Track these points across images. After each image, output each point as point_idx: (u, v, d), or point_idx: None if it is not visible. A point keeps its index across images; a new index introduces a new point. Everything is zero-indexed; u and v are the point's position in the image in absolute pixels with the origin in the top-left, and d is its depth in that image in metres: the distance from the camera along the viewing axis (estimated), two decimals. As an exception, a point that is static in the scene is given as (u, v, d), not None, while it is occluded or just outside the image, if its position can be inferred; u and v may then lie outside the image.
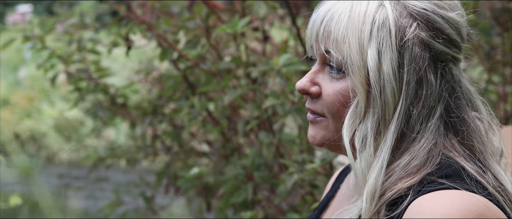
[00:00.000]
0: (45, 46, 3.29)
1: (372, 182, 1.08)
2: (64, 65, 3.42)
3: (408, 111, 1.09)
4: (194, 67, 2.86)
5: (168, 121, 3.16)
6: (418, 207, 1.03)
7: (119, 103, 3.46)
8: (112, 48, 3.22)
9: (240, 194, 2.52)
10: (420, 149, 1.09)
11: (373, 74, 1.09)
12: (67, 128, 9.79)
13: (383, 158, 1.09)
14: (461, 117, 1.12)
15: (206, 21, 2.74)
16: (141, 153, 3.31)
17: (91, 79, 3.39)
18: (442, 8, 1.12)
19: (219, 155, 3.14)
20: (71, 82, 3.43)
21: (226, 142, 3.04)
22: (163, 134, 3.31)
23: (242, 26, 2.40)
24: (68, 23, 3.33)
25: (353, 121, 1.11)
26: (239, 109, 2.70)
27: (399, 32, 1.09)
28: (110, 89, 3.43)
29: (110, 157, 3.52)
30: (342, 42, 1.11)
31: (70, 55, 3.38)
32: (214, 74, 2.76)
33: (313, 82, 1.16)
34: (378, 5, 1.11)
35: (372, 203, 1.08)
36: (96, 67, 3.44)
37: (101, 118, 3.49)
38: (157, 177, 3.26)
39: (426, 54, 1.10)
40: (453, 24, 1.12)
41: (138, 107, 3.30)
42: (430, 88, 1.10)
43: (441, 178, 1.06)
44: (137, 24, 2.91)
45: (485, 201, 1.05)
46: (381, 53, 1.09)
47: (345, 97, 1.12)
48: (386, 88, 1.09)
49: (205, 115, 2.77)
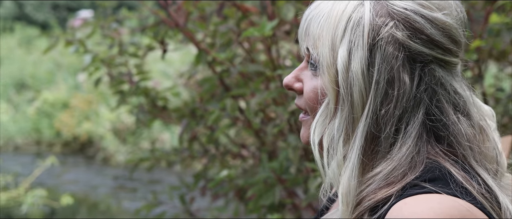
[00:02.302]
0: (87, 50, 3.36)
1: (345, 184, 1.07)
2: (107, 69, 3.50)
3: (376, 111, 1.07)
4: (228, 70, 2.89)
5: (204, 124, 3.19)
6: (397, 210, 1.02)
7: (159, 106, 3.51)
8: (148, 52, 3.26)
9: (269, 197, 2.52)
10: (402, 158, 1.07)
11: (341, 73, 1.08)
12: (123, 131, 9.99)
13: (353, 159, 1.07)
14: (442, 121, 1.09)
15: (239, 24, 2.76)
16: (178, 155, 3.35)
17: (132, 82, 3.45)
18: (427, 8, 1.09)
19: (254, 158, 3.15)
20: (113, 85, 3.50)
21: (261, 145, 3.05)
22: (201, 136, 3.34)
23: (270, 29, 2.41)
24: (109, 27, 3.41)
25: (323, 119, 1.11)
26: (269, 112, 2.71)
27: (373, 31, 1.08)
28: (151, 92, 3.48)
29: (151, 159, 3.57)
30: (318, 40, 1.11)
31: (112, 59, 3.45)
32: (247, 77, 2.78)
33: (297, 79, 1.17)
34: (357, 4, 1.10)
35: (348, 206, 1.07)
36: (137, 70, 3.50)
37: (142, 121, 3.55)
38: (194, 179, 3.30)
39: (400, 54, 1.07)
40: (438, 24, 1.09)
41: (177, 110, 3.34)
42: (402, 88, 1.07)
43: (424, 182, 1.04)
44: (172, 28, 2.95)
45: (468, 205, 1.03)
46: (351, 51, 1.08)
47: (317, 95, 1.12)
48: (354, 88, 1.08)
49: (237, 117, 2.79)
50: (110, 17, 3.41)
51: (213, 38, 3.00)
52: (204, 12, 3.09)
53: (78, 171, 9.38)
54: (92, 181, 8.79)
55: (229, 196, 3.25)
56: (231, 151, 3.32)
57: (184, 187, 3.43)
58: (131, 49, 3.49)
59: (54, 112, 11.05)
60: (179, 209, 3.46)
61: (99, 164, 10.00)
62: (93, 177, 9.04)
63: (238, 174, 3.13)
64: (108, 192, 8.32)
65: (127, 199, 7.81)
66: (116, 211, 7.48)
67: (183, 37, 2.99)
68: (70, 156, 10.43)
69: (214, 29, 2.84)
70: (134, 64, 3.50)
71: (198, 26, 2.87)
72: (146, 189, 8.05)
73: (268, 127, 2.61)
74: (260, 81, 2.64)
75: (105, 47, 3.49)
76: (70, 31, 3.66)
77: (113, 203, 7.82)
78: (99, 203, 7.86)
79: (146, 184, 8.44)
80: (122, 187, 8.48)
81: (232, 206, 3.23)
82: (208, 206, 3.76)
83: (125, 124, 9.90)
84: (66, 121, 10.66)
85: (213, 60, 2.92)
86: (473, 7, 2.65)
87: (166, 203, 3.48)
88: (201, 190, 3.28)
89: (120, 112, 9.43)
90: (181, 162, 3.40)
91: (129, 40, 3.48)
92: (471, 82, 2.58)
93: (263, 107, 2.76)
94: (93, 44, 3.54)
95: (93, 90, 10.41)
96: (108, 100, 10.30)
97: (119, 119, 9.97)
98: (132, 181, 8.60)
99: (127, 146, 9.93)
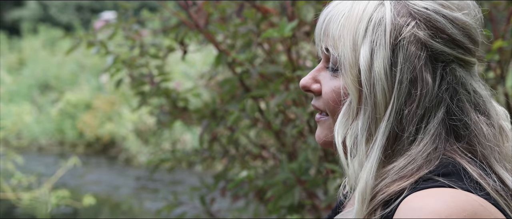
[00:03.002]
0: (109, 51, 3.38)
1: (362, 183, 1.07)
2: (129, 70, 3.51)
3: (399, 111, 1.07)
4: (248, 71, 2.89)
5: (224, 124, 3.19)
6: (409, 203, 1.01)
7: (180, 107, 3.52)
8: (169, 53, 3.27)
9: (289, 198, 2.52)
10: (418, 153, 1.07)
11: (364, 72, 1.08)
12: (145, 132, 10.04)
13: (373, 159, 1.07)
14: (463, 120, 1.09)
15: (259, 25, 2.76)
16: (199, 156, 3.36)
17: (153, 83, 3.46)
18: (447, 8, 1.09)
19: (274, 159, 3.15)
20: (134, 86, 3.52)
21: (281, 146, 3.05)
22: (221, 137, 3.35)
23: (289, 29, 2.41)
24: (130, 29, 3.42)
25: (346, 119, 1.10)
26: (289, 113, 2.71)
27: (395, 31, 1.08)
28: (172, 93, 3.49)
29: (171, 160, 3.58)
30: (338, 40, 1.11)
31: (134, 60, 3.46)
32: (267, 78, 2.78)
33: (315, 80, 1.16)
34: (378, 4, 1.10)
35: (363, 204, 1.06)
36: (158, 71, 3.51)
37: (163, 121, 3.56)
38: (215, 180, 3.30)
39: (422, 54, 1.07)
40: (459, 24, 1.09)
41: (198, 111, 3.35)
42: (425, 88, 1.07)
43: (437, 176, 1.04)
44: (193, 29, 2.95)
45: (481, 201, 1.02)
46: (374, 51, 1.08)
47: (339, 95, 1.12)
48: (377, 87, 1.07)
49: (257, 118, 2.79)
50: (132, 19, 3.43)
51: (233, 39, 3.01)
52: (224, 13, 3.09)
53: (101, 172, 9.45)
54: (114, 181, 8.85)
55: (249, 196, 3.26)
56: (251, 151, 3.32)
57: (204, 187, 3.44)
58: (152, 51, 3.50)
59: (77, 112, 11.15)
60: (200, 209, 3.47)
61: (121, 165, 10.07)
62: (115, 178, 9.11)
63: (258, 174, 3.13)
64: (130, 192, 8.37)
65: (148, 200, 7.85)
66: (137, 212, 7.52)
67: (203, 38, 3.00)
68: (92, 156, 10.51)
69: (234, 30, 2.85)
70: (155, 65, 3.52)
71: (218, 27, 2.88)
72: (167, 189, 8.08)
73: (288, 128, 2.61)
74: (280, 82, 2.64)
75: (126, 49, 3.51)
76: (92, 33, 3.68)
77: (134, 203, 7.87)
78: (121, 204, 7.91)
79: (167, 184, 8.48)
80: (144, 187, 8.53)
81: (252, 206, 3.23)
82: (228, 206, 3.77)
83: (147, 125, 9.95)
84: (89, 122, 10.74)
85: (233, 61, 2.93)
86: (496, 8, 2.63)
87: (186, 204, 3.50)
88: (221, 191, 3.28)
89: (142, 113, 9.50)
90: (201, 163, 3.41)
91: (150, 42, 3.49)
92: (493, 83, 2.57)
93: (283, 108, 2.76)
94: (115, 46, 3.56)
95: (116, 91, 10.49)
96: (130, 102, 10.36)
97: (141, 120, 10.03)
98: (153, 181, 8.64)
99: (149, 146, 9.98)
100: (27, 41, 15.78)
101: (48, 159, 10.17)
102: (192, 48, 3.68)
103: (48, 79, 12.71)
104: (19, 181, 6.20)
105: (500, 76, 2.63)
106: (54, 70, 12.86)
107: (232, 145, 3.27)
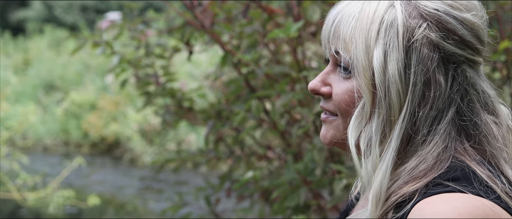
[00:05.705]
0: (114, 52, 3.38)
1: (377, 185, 1.07)
2: (134, 70, 3.51)
3: (414, 113, 1.07)
4: (254, 71, 2.89)
5: (230, 125, 3.19)
6: (420, 209, 1.02)
7: (185, 107, 3.52)
8: (174, 54, 3.27)
9: (294, 198, 2.52)
10: (429, 153, 1.07)
11: (378, 75, 1.08)
12: (150, 132, 10.05)
13: (388, 161, 1.07)
14: (473, 121, 1.09)
15: (264, 26, 2.76)
16: (204, 156, 3.35)
17: (158, 84, 3.46)
18: (456, 9, 1.09)
19: (279, 159, 3.15)
20: (139, 87, 3.52)
21: (287, 146, 3.05)
22: (226, 138, 3.34)
23: (295, 30, 2.40)
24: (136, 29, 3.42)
25: (359, 121, 1.10)
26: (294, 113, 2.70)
27: (407, 33, 1.08)
28: (177, 94, 3.49)
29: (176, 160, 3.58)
30: (349, 42, 1.10)
31: (139, 60, 3.46)
32: (273, 78, 2.78)
33: (324, 83, 1.16)
34: (388, 6, 1.10)
35: (377, 206, 1.06)
36: (164, 71, 3.51)
37: (168, 122, 3.56)
38: (220, 181, 3.30)
39: (435, 55, 1.08)
40: (468, 25, 1.09)
41: (203, 111, 3.35)
42: (438, 90, 1.08)
43: (447, 181, 1.04)
44: (198, 30, 2.96)
45: (491, 205, 1.02)
46: (387, 53, 1.08)
47: (352, 97, 1.11)
48: (391, 90, 1.07)
49: (262, 119, 2.79)
50: (137, 19, 3.43)
51: (239, 39, 3.01)
52: (230, 14, 3.09)
53: (105, 172, 9.46)
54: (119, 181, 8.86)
55: (254, 197, 3.25)
56: (257, 152, 3.31)
57: (209, 188, 3.43)
58: (157, 51, 3.50)
59: (82, 113, 11.16)
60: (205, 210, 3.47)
61: (126, 165, 10.08)
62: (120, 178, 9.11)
63: (264, 175, 3.13)
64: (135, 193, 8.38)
65: (153, 200, 7.85)
66: (142, 212, 7.52)
67: (209, 39, 3.00)
68: (97, 156, 10.52)
69: (240, 31, 2.85)
70: (160, 65, 3.52)
71: (224, 28, 2.88)
72: (172, 190, 8.09)
73: (294, 129, 2.61)
74: (286, 83, 2.63)
75: (132, 49, 3.51)
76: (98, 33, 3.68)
77: (139, 203, 7.87)
78: (126, 204, 7.91)
79: (172, 185, 8.49)
80: (149, 188, 8.54)
81: (257, 207, 3.23)
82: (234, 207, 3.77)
83: (152, 125, 9.96)
84: (93, 122, 10.76)
85: (239, 61, 2.92)
86: (502, 8, 2.62)
87: (191, 204, 3.49)
88: (227, 191, 3.28)
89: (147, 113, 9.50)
90: (206, 163, 3.41)
91: (156, 42, 3.50)
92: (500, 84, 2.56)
93: (288, 108, 2.76)
94: (121, 46, 3.56)
95: (121, 91, 10.50)
96: (135, 102, 10.37)
97: (146, 120, 10.04)
98: (158, 182, 8.65)
99: (154, 147, 9.98)
100: (33, 41, 15.82)
101: (53, 159, 10.18)
102: (198, 49, 3.68)
103: (53, 80, 12.74)
104: (24, 181, 6.21)
105: (506, 77, 2.62)
106: (59, 71, 12.88)
107: (238, 145, 3.27)
